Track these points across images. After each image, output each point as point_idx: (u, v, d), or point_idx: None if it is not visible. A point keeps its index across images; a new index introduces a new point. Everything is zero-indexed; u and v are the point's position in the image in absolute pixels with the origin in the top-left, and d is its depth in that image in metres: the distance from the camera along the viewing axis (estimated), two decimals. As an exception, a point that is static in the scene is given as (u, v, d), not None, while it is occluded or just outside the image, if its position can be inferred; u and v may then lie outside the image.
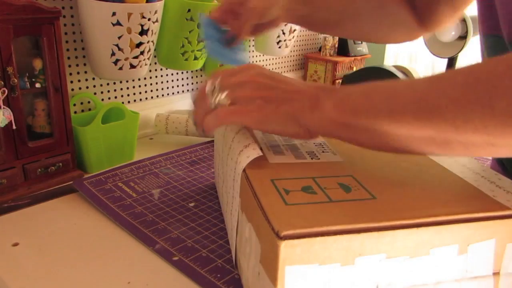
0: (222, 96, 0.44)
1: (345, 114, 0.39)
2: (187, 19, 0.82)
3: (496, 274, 0.37)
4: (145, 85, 0.95)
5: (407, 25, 0.64)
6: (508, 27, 0.47)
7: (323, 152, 0.48)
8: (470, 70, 0.34)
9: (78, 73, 0.82)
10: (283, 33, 1.07)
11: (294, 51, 1.32)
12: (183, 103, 1.03)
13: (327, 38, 1.29)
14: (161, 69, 0.97)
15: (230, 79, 0.45)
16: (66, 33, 0.79)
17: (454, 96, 0.33)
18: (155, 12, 0.75)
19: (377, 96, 0.38)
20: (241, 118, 0.43)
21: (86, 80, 0.84)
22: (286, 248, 0.31)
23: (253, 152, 0.43)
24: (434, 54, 1.20)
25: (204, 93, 0.46)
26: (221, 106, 0.44)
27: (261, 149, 0.47)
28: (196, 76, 1.05)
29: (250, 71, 0.45)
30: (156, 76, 0.96)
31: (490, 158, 0.68)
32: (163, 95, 0.99)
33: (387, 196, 0.38)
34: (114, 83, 0.89)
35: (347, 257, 0.33)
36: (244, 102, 0.43)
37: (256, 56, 1.20)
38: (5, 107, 0.60)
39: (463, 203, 0.37)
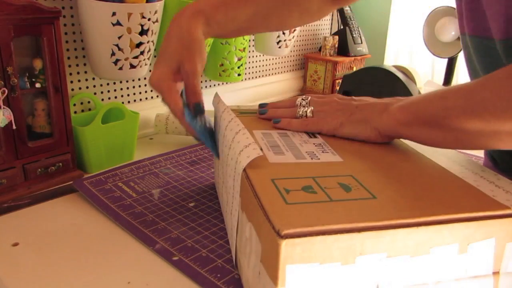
0: (308, 109, 0.55)
1: (408, 115, 0.46)
2: (187, 19, 0.82)
3: (495, 273, 0.37)
4: (145, 85, 0.95)
5: (319, 6, 0.66)
6: (498, 26, 0.47)
7: (323, 152, 0.48)
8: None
9: (78, 73, 0.82)
10: (283, 33, 1.07)
11: (294, 51, 1.32)
12: (183, 103, 1.02)
13: (327, 38, 1.29)
14: (161, 69, 0.96)
15: (318, 99, 0.56)
16: (66, 33, 0.79)
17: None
18: (155, 12, 0.75)
19: (447, 97, 0.44)
20: (319, 126, 0.53)
21: (86, 80, 0.84)
22: (287, 247, 0.31)
23: (254, 152, 0.43)
24: (434, 54, 1.20)
25: (293, 103, 0.58)
26: (303, 116, 0.56)
27: (261, 149, 0.47)
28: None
29: (335, 96, 0.56)
30: (156, 76, 0.96)
31: (483, 155, 0.69)
32: (163, 95, 0.99)
33: (387, 195, 0.38)
34: (114, 83, 0.89)
35: (347, 256, 0.33)
36: (323, 114, 0.54)
37: (256, 56, 1.20)
38: (5, 107, 0.60)
39: (463, 202, 0.38)
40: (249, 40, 1.07)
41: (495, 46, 0.49)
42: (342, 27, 1.34)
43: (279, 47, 1.09)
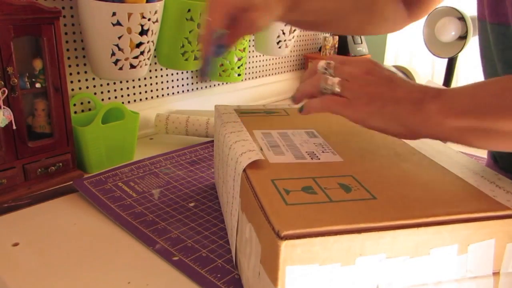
0: (334, 81, 0.45)
1: (451, 117, 0.40)
2: (187, 19, 0.82)
3: (496, 274, 0.37)
4: (145, 85, 0.95)
5: (397, 16, 0.65)
6: None
7: (323, 152, 0.48)
8: None
9: (78, 73, 0.82)
10: (283, 33, 1.07)
11: (294, 51, 1.32)
12: (183, 103, 1.03)
13: (327, 38, 1.29)
14: (161, 69, 0.97)
15: (344, 67, 0.46)
16: (66, 33, 0.79)
17: None
18: (155, 12, 0.75)
19: (483, 95, 0.40)
20: (346, 111, 0.44)
21: (86, 80, 0.84)
22: (286, 248, 0.31)
23: (255, 154, 0.43)
24: (434, 54, 1.20)
25: (314, 72, 0.48)
26: (329, 90, 0.46)
27: (261, 149, 0.47)
28: (196, 76, 1.05)
29: (365, 65, 0.47)
30: (156, 76, 0.96)
31: (485, 155, 0.69)
32: (163, 95, 0.99)
33: (387, 196, 0.38)
34: (114, 83, 0.89)
35: (347, 257, 0.33)
36: (352, 95, 0.44)
37: (256, 56, 1.20)
38: (5, 107, 0.60)
39: (463, 203, 0.37)
40: (249, 40, 1.07)
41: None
42: (342, 27, 1.34)
43: (279, 47, 1.09)
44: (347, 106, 0.44)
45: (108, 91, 0.88)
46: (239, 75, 1.04)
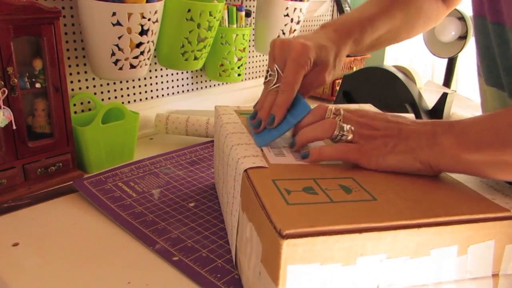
0: (347, 128, 0.45)
1: (468, 151, 0.40)
2: (187, 19, 0.82)
3: (495, 275, 0.38)
4: (145, 85, 0.95)
5: (437, 11, 0.67)
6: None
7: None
8: None
9: (78, 73, 0.82)
10: (283, 33, 1.07)
11: (294, 51, 1.32)
12: (183, 103, 1.03)
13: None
14: (161, 69, 0.97)
15: (350, 115, 0.47)
16: (66, 33, 0.79)
17: None
18: (155, 12, 0.75)
19: (499, 127, 0.39)
20: (362, 159, 0.44)
21: (86, 80, 0.84)
22: (288, 247, 0.31)
23: (258, 160, 0.43)
24: (434, 54, 1.20)
25: (319, 116, 0.47)
26: (343, 138, 0.45)
27: (261, 149, 0.47)
28: (196, 76, 1.05)
29: (368, 112, 0.48)
30: (156, 76, 0.96)
31: None
32: (163, 95, 0.99)
33: (387, 197, 0.38)
34: (114, 83, 0.88)
35: (348, 257, 0.33)
36: (364, 141, 0.45)
37: (256, 56, 1.20)
38: (5, 107, 0.60)
39: (463, 205, 0.38)
40: (249, 40, 1.07)
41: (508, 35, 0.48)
42: (342, 27, 1.34)
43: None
44: (362, 154, 0.44)
45: (108, 91, 0.88)
46: (239, 75, 1.04)
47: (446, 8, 0.69)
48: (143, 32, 0.75)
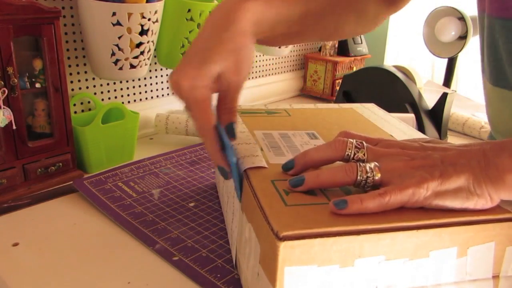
0: (371, 167, 0.37)
1: None
2: (187, 19, 0.82)
3: (495, 277, 0.37)
4: (145, 85, 0.95)
5: (376, 9, 0.57)
6: None
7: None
8: None
9: (78, 73, 0.82)
10: (283, 33, 1.07)
11: (294, 51, 1.32)
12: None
13: (327, 38, 1.29)
14: (161, 69, 0.97)
15: (373, 149, 0.39)
16: (66, 33, 0.79)
17: None
18: (155, 12, 0.75)
19: None
20: (406, 197, 0.35)
21: (86, 80, 0.84)
22: (285, 249, 0.31)
23: (258, 160, 0.43)
24: (434, 54, 1.20)
25: (339, 151, 0.39)
26: (369, 181, 0.37)
27: (261, 149, 0.48)
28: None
29: (393, 141, 0.40)
30: (156, 76, 0.96)
31: None
32: (163, 95, 0.99)
33: None
34: (114, 83, 0.89)
35: (346, 259, 0.33)
36: (399, 177, 0.36)
37: (256, 56, 1.20)
38: (5, 107, 0.60)
39: None
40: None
41: None
42: (342, 26, 1.34)
43: (279, 47, 1.09)
44: (403, 193, 0.35)
45: (108, 91, 0.88)
46: (239, 75, 1.03)
47: (386, 9, 0.59)
48: (143, 32, 0.75)
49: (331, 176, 0.38)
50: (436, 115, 0.93)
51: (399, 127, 0.58)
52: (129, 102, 0.92)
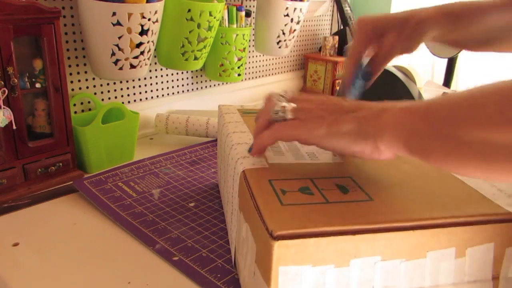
0: (287, 107, 0.41)
1: (417, 119, 0.35)
2: (187, 19, 0.82)
3: (495, 278, 0.37)
4: (145, 85, 0.95)
5: None
6: None
7: (323, 152, 0.48)
8: None
9: (78, 73, 0.83)
10: (283, 33, 1.07)
11: (294, 51, 1.32)
12: (183, 103, 1.03)
13: (327, 38, 1.29)
14: (161, 69, 0.97)
15: (298, 97, 0.43)
16: (66, 33, 0.79)
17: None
18: (155, 12, 0.75)
19: (458, 104, 0.34)
20: (297, 132, 0.40)
21: (86, 80, 0.84)
22: (279, 249, 0.31)
23: (258, 161, 0.43)
24: (434, 54, 1.19)
25: (267, 108, 0.43)
26: (281, 117, 0.41)
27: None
28: (196, 76, 1.05)
29: (319, 96, 0.44)
30: (156, 76, 0.96)
31: None
32: (163, 95, 0.99)
33: (384, 198, 0.38)
34: (114, 83, 0.89)
35: (341, 259, 0.33)
36: (305, 117, 0.40)
37: (256, 56, 1.20)
38: (5, 107, 0.60)
39: (462, 206, 0.37)
40: (249, 40, 1.07)
41: None
42: (342, 27, 1.34)
43: (279, 47, 1.09)
44: (296, 128, 0.40)
45: (108, 91, 0.88)
46: (239, 75, 1.04)
47: None
48: (143, 32, 0.75)
49: (259, 120, 0.44)
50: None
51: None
52: (129, 102, 0.93)
